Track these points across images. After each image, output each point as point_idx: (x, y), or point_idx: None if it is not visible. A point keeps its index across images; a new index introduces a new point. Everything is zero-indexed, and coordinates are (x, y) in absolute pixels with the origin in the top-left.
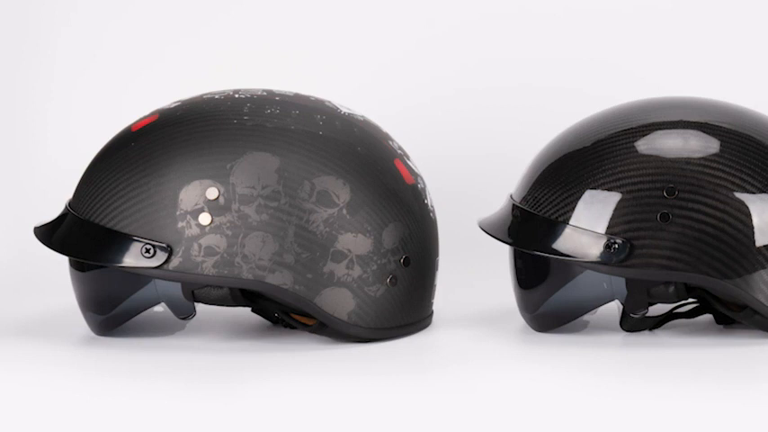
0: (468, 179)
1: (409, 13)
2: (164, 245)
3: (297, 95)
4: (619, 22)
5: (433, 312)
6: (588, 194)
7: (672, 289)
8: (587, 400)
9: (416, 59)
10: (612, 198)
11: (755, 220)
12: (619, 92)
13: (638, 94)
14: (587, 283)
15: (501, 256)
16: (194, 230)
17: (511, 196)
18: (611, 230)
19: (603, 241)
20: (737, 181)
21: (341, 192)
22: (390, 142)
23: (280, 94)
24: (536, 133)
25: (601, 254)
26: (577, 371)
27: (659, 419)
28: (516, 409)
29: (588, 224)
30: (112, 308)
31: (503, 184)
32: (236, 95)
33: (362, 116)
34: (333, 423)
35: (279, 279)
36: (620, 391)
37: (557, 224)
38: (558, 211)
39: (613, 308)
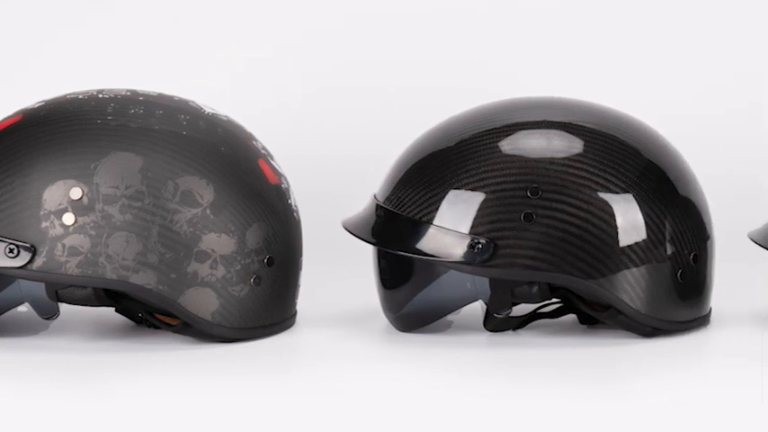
0: (332, 179)
1: (272, 14)
2: (27, 245)
3: (161, 95)
4: (485, 20)
5: (296, 312)
6: (452, 194)
7: (535, 289)
8: (452, 399)
9: (279, 60)
10: (476, 198)
11: (619, 220)
12: (485, 91)
13: (504, 94)
14: (451, 283)
15: (365, 256)
16: (58, 230)
17: (375, 196)
18: (474, 230)
19: (467, 241)
20: (601, 181)
21: (204, 192)
22: (254, 142)
23: (144, 95)
24: (400, 133)
25: (464, 254)
26: (442, 371)
27: (524, 419)
28: (380, 409)
29: (452, 224)
30: None
31: (367, 184)
32: (100, 95)
33: (226, 116)
34: (193, 423)
35: (143, 279)
36: (485, 391)
37: (420, 224)
38: (421, 211)
39: (477, 308)
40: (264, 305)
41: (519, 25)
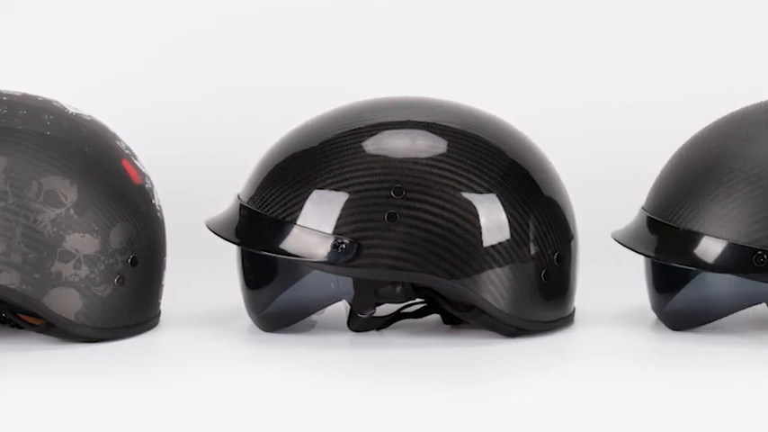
0: (196, 179)
1: (132, 16)
2: None
3: (24, 95)
4: (349, 20)
5: (160, 312)
6: (316, 194)
7: (399, 289)
8: (316, 399)
9: (142, 60)
10: (340, 198)
11: (483, 220)
12: (350, 91)
13: (369, 94)
14: (315, 283)
15: (229, 256)
16: None
17: (238, 196)
18: (338, 230)
19: (331, 241)
20: (465, 181)
21: (68, 192)
22: (118, 142)
23: (7, 94)
24: (265, 132)
25: (328, 254)
26: (306, 371)
27: (388, 419)
28: (245, 410)
29: (316, 224)
30: None
31: (230, 184)
32: None
33: (90, 116)
34: (56, 423)
35: (6, 279)
36: (350, 391)
37: (284, 224)
38: (285, 210)
39: (341, 308)
40: (128, 305)
41: (383, 24)
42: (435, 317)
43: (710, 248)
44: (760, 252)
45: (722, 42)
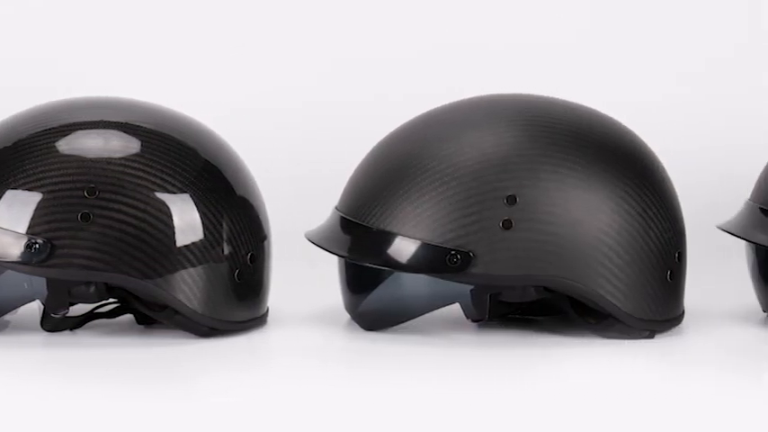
0: None
1: None
2: None
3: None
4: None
5: None
6: (9, 194)
7: (92, 289)
8: (6, 399)
9: None
10: (33, 198)
11: (176, 220)
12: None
13: (75, 93)
14: (9, 283)
15: None
16: None
17: None
18: (32, 230)
19: (24, 241)
20: (158, 181)
21: None
22: None
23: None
24: None
25: (21, 254)
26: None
27: (81, 419)
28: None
29: (9, 224)
30: None
31: None
32: None
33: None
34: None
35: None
36: (43, 391)
37: None
38: None
39: (34, 308)
40: None
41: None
42: (129, 317)
43: (404, 248)
44: (453, 252)
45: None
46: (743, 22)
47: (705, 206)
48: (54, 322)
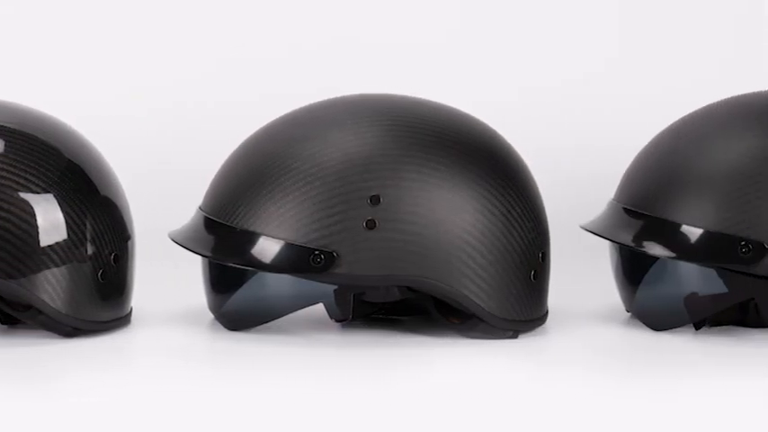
0: None
1: None
2: None
3: None
4: None
5: None
6: None
7: None
8: None
9: None
10: None
11: (40, 220)
12: None
13: None
14: None
15: None
16: None
17: None
18: None
19: None
20: (22, 181)
21: None
22: None
23: None
24: None
25: None
26: None
27: None
28: None
29: None
30: None
31: None
32: None
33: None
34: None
35: None
36: None
37: None
38: None
39: None
40: None
41: None
42: None
43: (267, 248)
44: (317, 252)
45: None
46: (607, 23)
47: (569, 206)
48: None
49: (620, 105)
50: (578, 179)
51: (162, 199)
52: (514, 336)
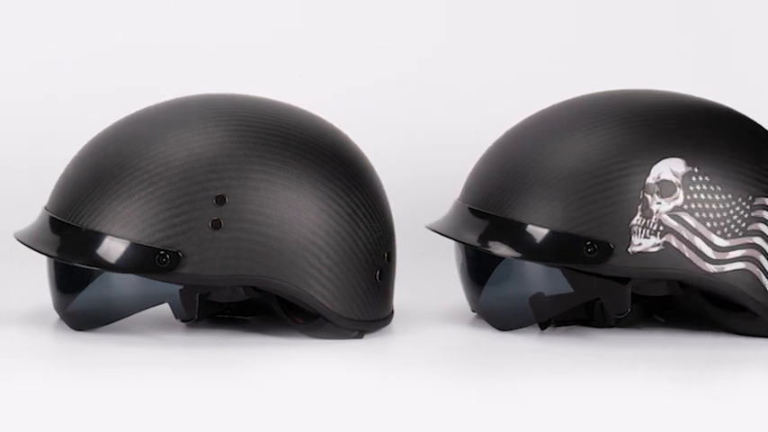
0: None
1: None
2: None
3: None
4: None
5: None
6: None
7: None
8: None
9: None
10: None
11: None
12: None
13: None
14: None
15: None
16: None
17: None
18: None
19: None
20: None
21: None
22: None
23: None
24: None
25: None
26: None
27: None
28: None
29: None
30: None
31: None
32: None
33: None
34: None
35: None
36: None
37: None
38: None
39: None
40: None
41: None
42: None
43: (113, 248)
44: (162, 252)
45: None
46: (442, 22)
47: (414, 206)
48: None
49: (466, 104)
50: (424, 179)
51: (6, 199)
52: (360, 336)
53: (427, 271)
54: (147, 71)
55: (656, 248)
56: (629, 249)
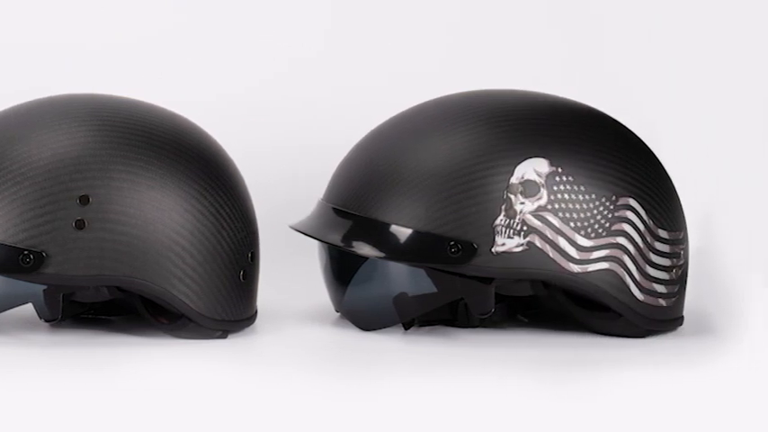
0: None
1: None
2: None
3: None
4: None
5: None
6: None
7: None
8: None
9: None
10: None
11: None
12: None
13: None
14: None
15: None
16: None
17: None
18: None
19: None
20: None
21: None
22: None
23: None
24: None
25: None
26: None
27: None
28: None
29: None
30: None
31: None
32: None
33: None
34: None
35: None
36: None
37: None
38: None
39: None
40: None
41: None
42: None
43: None
44: (26, 252)
45: None
46: (309, 22)
47: (279, 206)
48: None
49: (330, 104)
50: (287, 179)
51: None
52: (224, 336)
53: (292, 271)
54: (9, 71)
55: (519, 248)
56: (493, 249)
